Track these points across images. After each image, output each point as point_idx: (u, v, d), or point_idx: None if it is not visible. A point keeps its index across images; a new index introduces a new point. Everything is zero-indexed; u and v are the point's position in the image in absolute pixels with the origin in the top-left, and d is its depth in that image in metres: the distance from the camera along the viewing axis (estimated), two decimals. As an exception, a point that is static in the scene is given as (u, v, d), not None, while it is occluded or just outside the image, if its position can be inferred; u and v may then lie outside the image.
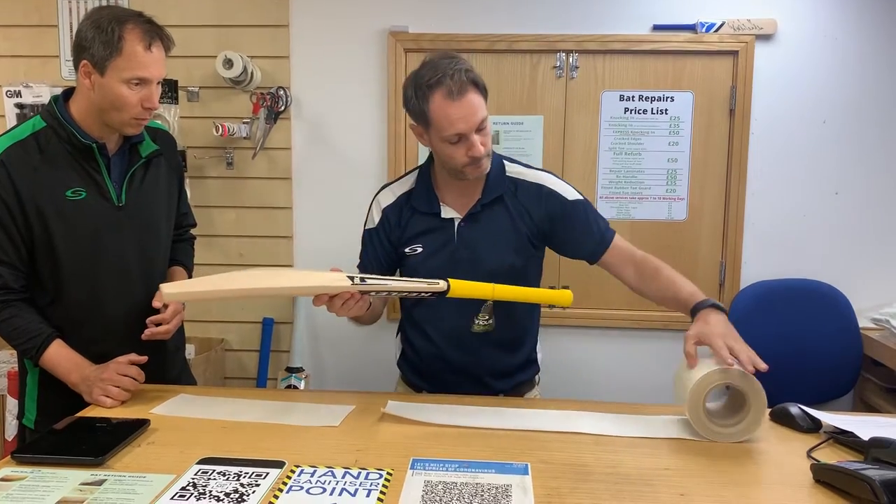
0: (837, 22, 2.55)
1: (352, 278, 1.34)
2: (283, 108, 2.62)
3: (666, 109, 2.61)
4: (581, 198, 1.65)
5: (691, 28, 2.56)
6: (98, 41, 1.44)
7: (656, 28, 2.57)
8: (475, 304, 1.61)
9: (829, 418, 1.35)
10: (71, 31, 2.67)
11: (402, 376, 1.80)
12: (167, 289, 1.32)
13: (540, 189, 1.63)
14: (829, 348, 2.52)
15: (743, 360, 1.27)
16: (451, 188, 1.63)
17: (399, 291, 1.41)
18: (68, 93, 1.55)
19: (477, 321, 1.60)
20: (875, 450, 1.16)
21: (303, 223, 2.76)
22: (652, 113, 2.61)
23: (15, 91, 2.64)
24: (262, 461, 1.15)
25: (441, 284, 1.38)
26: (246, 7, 2.66)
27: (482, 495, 1.05)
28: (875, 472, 1.03)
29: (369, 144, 2.70)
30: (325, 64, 2.68)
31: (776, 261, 2.64)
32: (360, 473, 1.12)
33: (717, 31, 2.54)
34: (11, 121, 2.64)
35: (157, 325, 1.56)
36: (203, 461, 1.16)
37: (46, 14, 2.69)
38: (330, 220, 2.74)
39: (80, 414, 1.39)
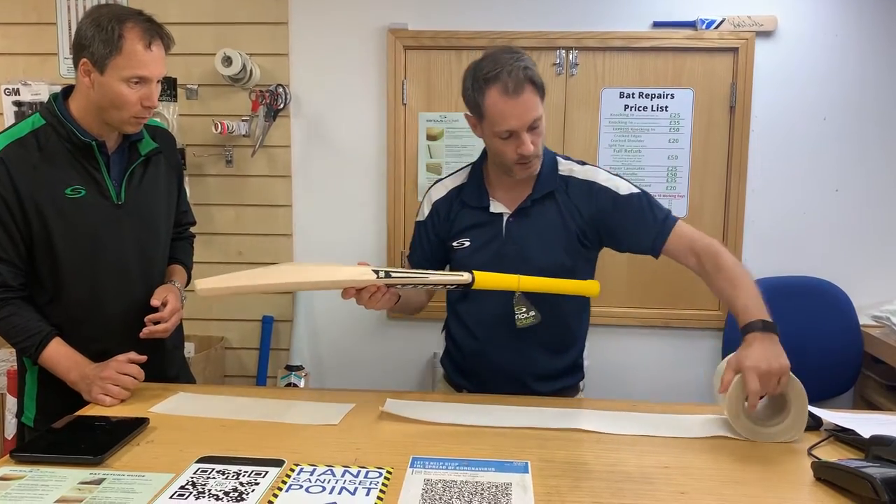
0: (838, 19, 2.54)
1: (377, 272, 1.37)
2: (282, 105, 2.61)
3: (666, 107, 2.60)
4: (637, 191, 1.60)
5: (691, 25, 2.55)
6: (98, 39, 1.43)
7: (656, 25, 2.57)
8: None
9: (829, 416, 1.35)
10: (70, 29, 2.66)
11: (444, 375, 1.79)
12: (201, 284, 1.35)
13: (591, 186, 1.60)
14: (830, 346, 2.51)
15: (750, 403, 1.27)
16: (503, 184, 1.62)
17: (424, 284, 1.44)
18: (68, 90, 1.55)
19: (517, 315, 1.53)
20: (876, 447, 1.16)
21: (303, 221, 2.75)
22: (652, 110, 2.61)
23: (13, 89, 2.63)
24: (262, 460, 1.15)
25: (466, 276, 1.41)
26: (245, 4, 2.65)
27: (482, 494, 1.05)
28: (876, 470, 1.02)
29: (369, 142, 2.70)
30: (325, 61, 2.67)
31: (776, 258, 2.63)
32: (359, 472, 1.12)
33: (717, 27, 2.54)
34: (10, 119, 2.63)
35: (156, 323, 1.55)
36: (202, 460, 1.15)
37: (45, 12, 2.68)
38: (330, 217, 2.74)
39: (79, 413, 1.39)
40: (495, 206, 1.62)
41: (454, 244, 1.66)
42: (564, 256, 1.60)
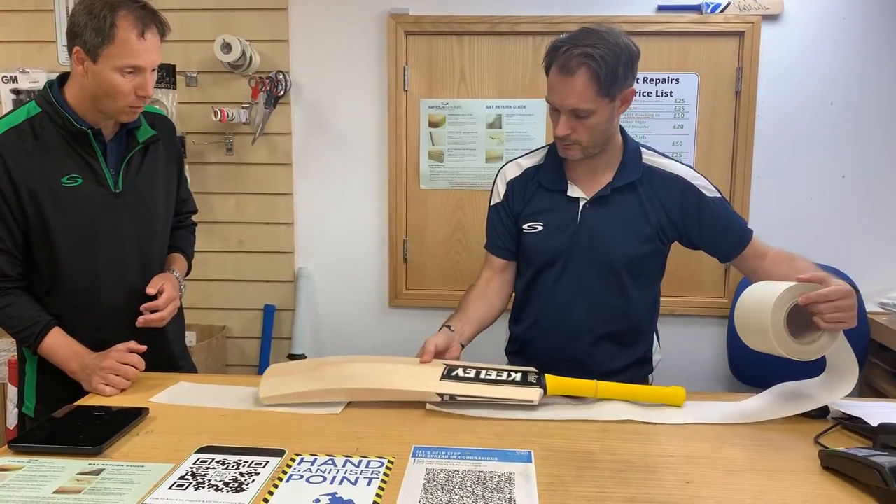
0: (845, 2, 2.50)
1: (441, 396, 1.32)
2: (282, 92, 2.59)
3: (671, 92, 2.57)
4: (719, 195, 1.59)
5: (696, 9, 2.52)
6: (90, 28, 1.41)
7: (661, 9, 2.53)
8: (600, 306, 1.59)
9: (836, 404, 1.33)
10: (67, 16, 2.63)
11: (508, 364, 1.76)
12: (264, 392, 1.36)
13: (677, 180, 1.57)
14: (836, 333, 2.49)
15: (827, 318, 1.22)
16: (582, 168, 1.59)
17: (490, 399, 1.32)
18: (64, 78, 1.53)
19: None
20: (884, 436, 1.15)
21: (304, 209, 2.74)
22: (657, 95, 2.58)
23: (11, 77, 2.62)
24: (262, 450, 1.14)
25: (536, 394, 1.31)
26: (244, -10, 2.62)
27: (484, 483, 1.04)
28: (884, 459, 1.01)
29: (370, 129, 2.68)
30: (325, 47, 2.65)
31: (782, 244, 2.55)
32: (360, 462, 1.11)
33: (722, 11, 2.50)
34: (8, 106, 2.61)
35: (153, 312, 1.54)
36: (202, 450, 1.14)
37: (42, -1, 2.66)
38: (331, 205, 2.72)
39: (78, 402, 1.38)
40: (573, 191, 1.59)
41: (525, 227, 1.62)
42: (640, 248, 1.57)
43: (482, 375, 1.36)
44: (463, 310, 1.64)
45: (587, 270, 1.58)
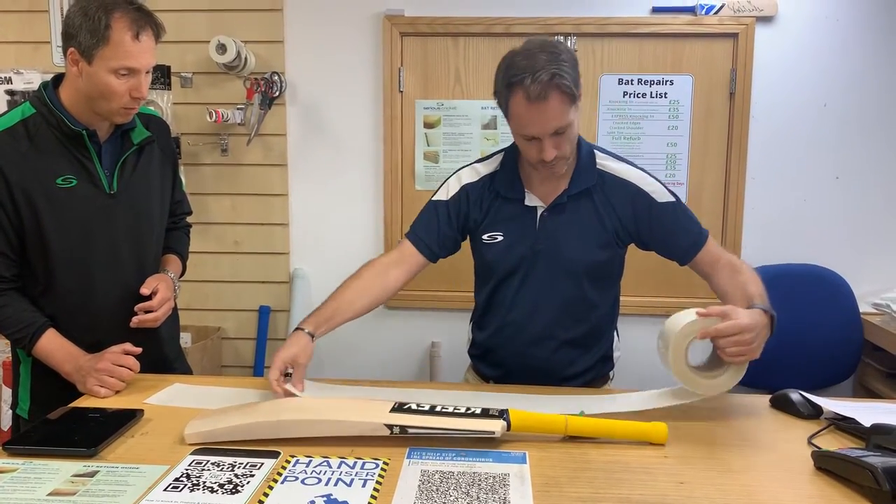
0: (839, 4, 2.51)
1: (391, 428, 1.17)
2: (277, 93, 2.59)
3: (665, 93, 2.58)
4: (672, 199, 1.57)
5: (691, 10, 2.53)
6: (85, 29, 1.40)
7: (655, 10, 2.54)
8: (562, 312, 1.58)
9: (830, 404, 1.34)
10: (62, 16, 2.63)
11: (471, 365, 1.76)
12: (189, 429, 1.19)
13: (628, 186, 1.56)
14: (830, 333, 2.51)
15: (728, 352, 1.26)
16: (538, 175, 1.57)
17: (444, 431, 1.18)
18: (58, 78, 1.52)
19: None
20: (877, 436, 1.15)
21: (299, 210, 2.74)
22: (651, 97, 2.58)
23: (6, 77, 2.61)
24: (257, 451, 1.14)
25: (497, 425, 1.17)
26: (239, -9, 2.62)
27: (479, 485, 1.04)
28: (877, 460, 1.01)
29: (365, 130, 2.68)
30: (320, 48, 2.65)
31: (776, 246, 2.62)
32: (355, 463, 1.11)
33: (716, 13, 2.51)
34: (2, 107, 2.61)
35: (147, 312, 1.54)
36: (197, 452, 1.14)
37: (36, 0, 2.65)
38: (326, 205, 2.72)
39: (73, 404, 1.37)
40: (530, 199, 1.57)
41: (485, 237, 1.60)
42: (599, 253, 1.57)
43: (437, 409, 1.22)
44: (336, 302, 1.55)
45: (549, 278, 1.58)
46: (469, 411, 1.21)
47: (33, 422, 1.53)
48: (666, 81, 2.57)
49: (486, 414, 1.20)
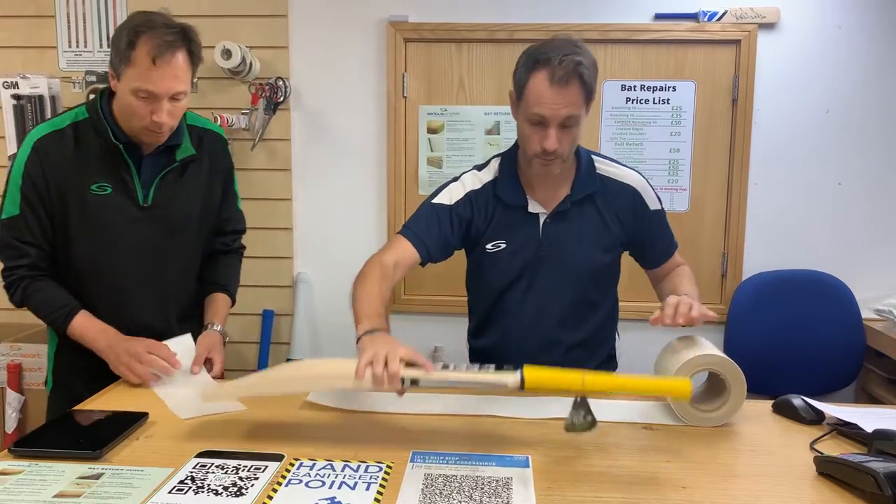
0: (841, 10, 2.52)
1: (402, 380, 1.18)
2: (282, 98, 2.60)
3: (668, 99, 2.59)
4: (660, 207, 1.64)
5: (693, 17, 2.53)
6: (116, 47, 1.44)
7: (658, 17, 2.55)
8: (568, 317, 1.61)
9: (832, 410, 1.34)
10: (68, 22, 2.65)
11: None
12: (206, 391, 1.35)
13: (628, 189, 1.60)
14: (832, 339, 2.51)
15: (678, 311, 1.34)
16: (538, 180, 1.57)
17: (456, 384, 1.24)
18: None
19: (573, 420, 1.18)
20: (879, 442, 1.15)
21: (303, 214, 2.74)
22: (654, 103, 2.59)
23: (12, 82, 2.62)
24: (261, 454, 1.15)
25: (512, 379, 1.18)
26: (244, -3, 2.63)
27: (482, 488, 1.04)
28: (879, 465, 1.02)
29: (369, 135, 2.69)
30: (325, 54, 2.66)
31: (779, 252, 2.62)
32: (359, 466, 1.11)
33: (719, 19, 2.52)
34: (8, 112, 2.62)
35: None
36: (201, 454, 1.15)
37: (44, 5, 2.66)
38: (330, 210, 2.73)
39: (78, 407, 1.38)
40: (533, 206, 1.57)
41: (488, 247, 1.59)
42: (603, 257, 1.59)
43: (450, 369, 1.25)
44: (379, 305, 1.48)
45: (553, 283, 1.58)
46: (481, 369, 1.24)
47: (53, 400, 1.63)
48: (668, 88, 2.58)
49: (500, 370, 1.22)
